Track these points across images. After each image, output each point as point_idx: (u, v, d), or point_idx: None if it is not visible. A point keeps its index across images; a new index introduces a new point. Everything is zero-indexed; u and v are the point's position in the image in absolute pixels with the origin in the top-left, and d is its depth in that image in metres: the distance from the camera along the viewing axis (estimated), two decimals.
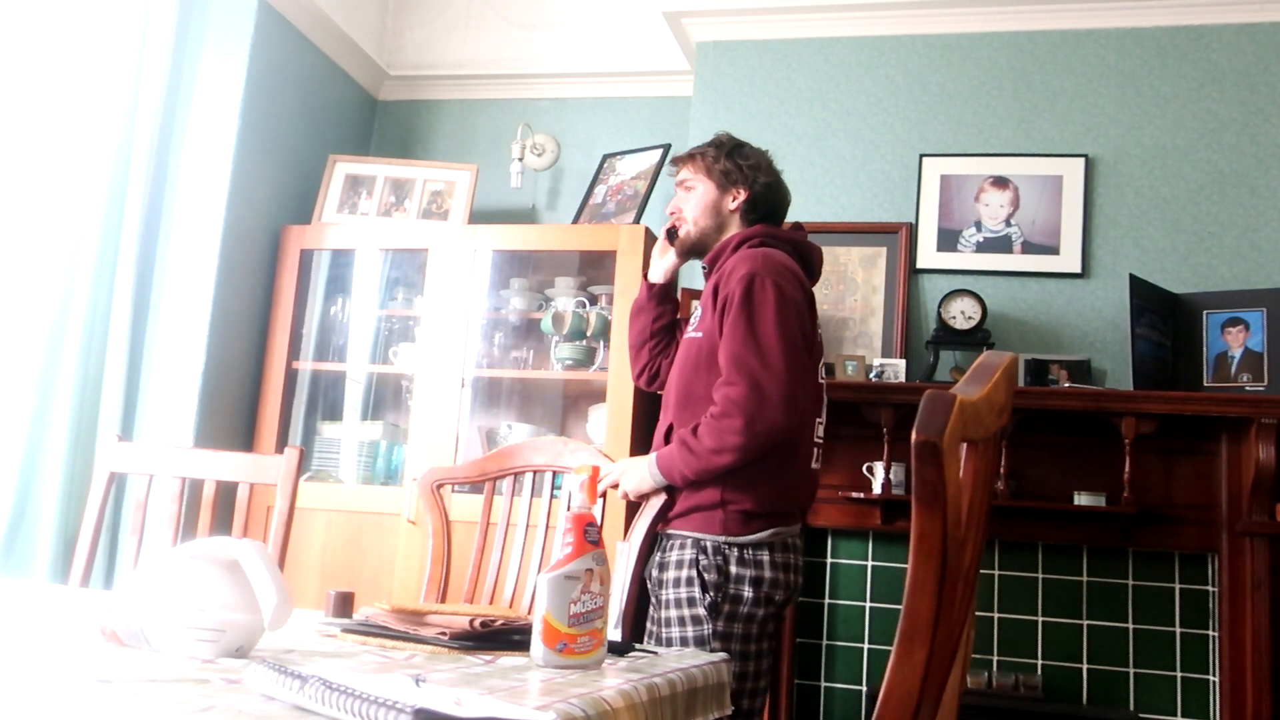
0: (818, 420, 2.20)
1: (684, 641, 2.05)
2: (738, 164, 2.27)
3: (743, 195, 2.27)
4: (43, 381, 2.87)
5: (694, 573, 2.06)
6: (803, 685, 3.13)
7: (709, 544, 2.07)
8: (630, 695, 1.15)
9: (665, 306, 2.45)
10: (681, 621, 2.06)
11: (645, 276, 2.46)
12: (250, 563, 1.23)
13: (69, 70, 2.93)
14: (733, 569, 2.06)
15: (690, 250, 2.33)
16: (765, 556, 2.08)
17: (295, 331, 3.48)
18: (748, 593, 2.05)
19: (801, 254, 2.25)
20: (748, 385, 2.01)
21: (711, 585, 2.05)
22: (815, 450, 2.20)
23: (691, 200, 2.30)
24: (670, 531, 2.14)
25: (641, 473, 2.14)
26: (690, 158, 2.32)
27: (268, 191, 3.49)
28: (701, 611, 2.05)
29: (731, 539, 2.07)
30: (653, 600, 2.18)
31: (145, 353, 3.20)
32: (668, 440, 2.17)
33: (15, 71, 2.79)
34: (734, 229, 2.28)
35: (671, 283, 2.45)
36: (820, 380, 2.23)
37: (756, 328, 2.04)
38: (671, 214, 2.35)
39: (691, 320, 2.27)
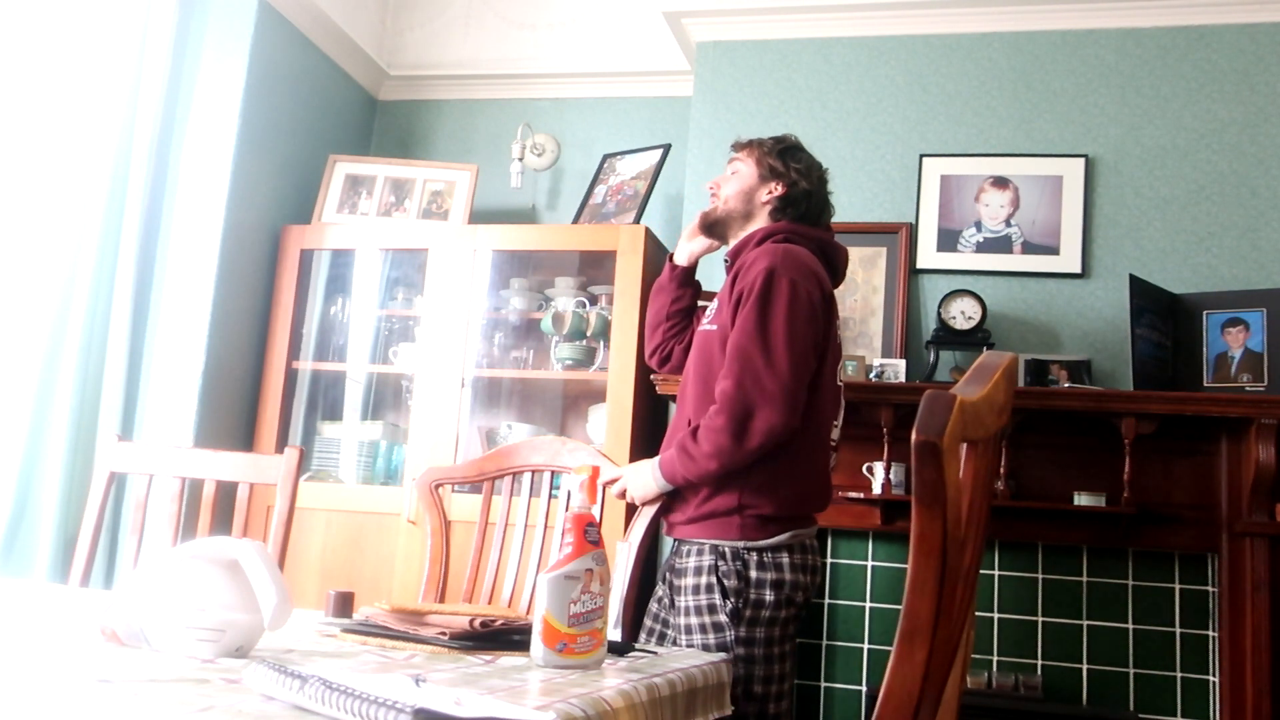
0: (834, 423, 2.19)
1: (706, 649, 1.98)
2: (785, 163, 2.27)
3: (778, 190, 2.26)
4: (43, 381, 2.87)
5: (713, 579, 2.02)
6: (803, 685, 3.13)
7: (727, 550, 2.04)
8: (630, 695, 1.15)
9: (686, 290, 2.45)
10: (703, 629, 2.02)
11: (670, 258, 2.47)
12: (250, 563, 1.23)
13: (69, 70, 2.93)
14: (753, 574, 2.02)
15: (712, 226, 2.32)
16: (785, 559, 2.05)
17: (295, 331, 3.48)
18: (769, 596, 2.02)
19: (826, 254, 2.24)
20: (744, 381, 2.00)
21: (732, 592, 2.01)
22: (832, 453, 2.19)
23: (732, 181, 2.30)
24: (687, 538, 2.10)
25: (646, 479, 2.12)
26: (748, 144, 2.33)
27: (268, 191, 3.49)
28: (723, 619, 2.01)
29: (750, 544, 2.04)
30: (664, 604, 2.16)
31: (145, 353, 3.20)
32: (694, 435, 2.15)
33: (15, 71, 2.79)
34: (761, 222, 2.27)
35: (694, 267, 2.45)
36: (839, 382, 2.22)
37: (767, 324, 2.03)
38: (710, 188, 2.35)
39: (708, 312, 2.26)
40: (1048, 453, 3.07)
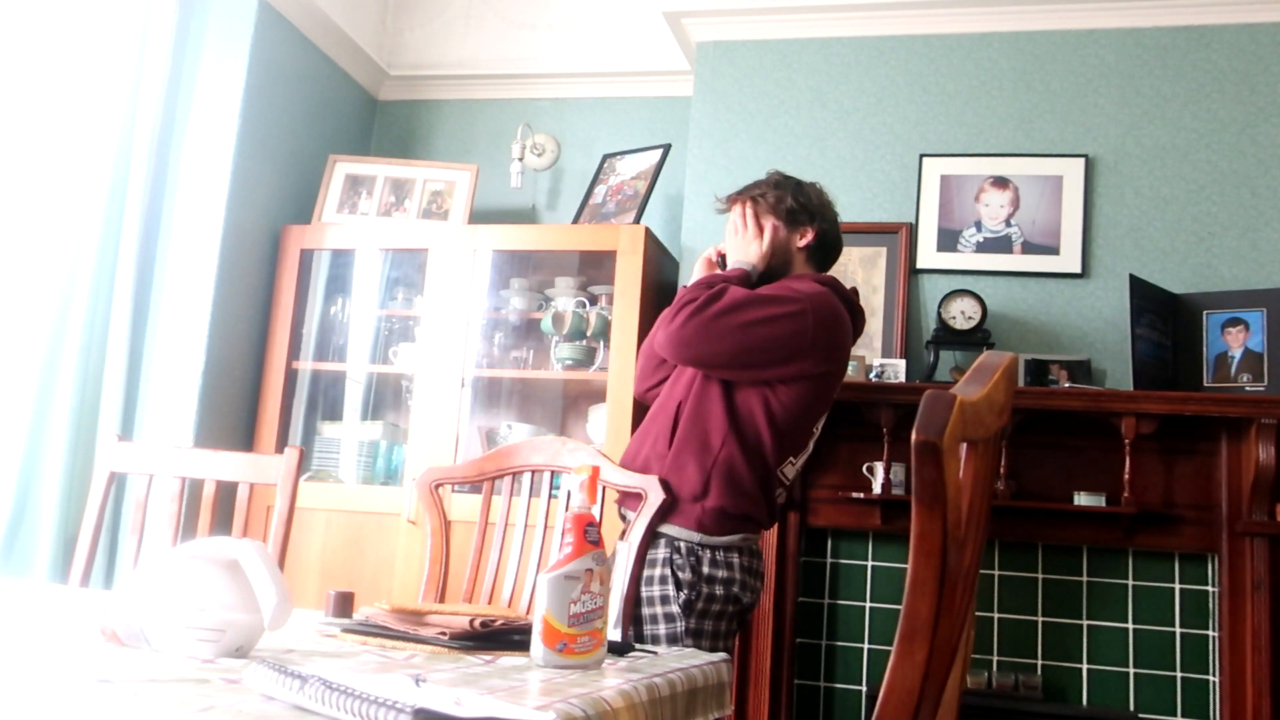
0: (790, 460, 2.25)
1: (655, 639, 2.10)
2: (802, 203, 2.32)
3: (810, 235, 2.32)
4: (43, 381, 2.87)
5: (668, 571, 2.13)
6: (803, 685, 3.13)
7: (683, 545, 2.14)
8: (630, 695, 1.15)
9: None
10: (654, 619, 2.12)
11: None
12: (250, 563, 1.23)
13: (69, 70, 2.93)
14: (705, 569, 2.13)
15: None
16: (735, 559, 2.16)
17: (295, 331, 3.48)
18: (719, 591, 2.13)
19: (853, 313, 2.31)
20: (712, 300, 2.12)
21: (685, 584, 2.11)
22: (780, 489, 2.27)
23: (764, 239, 2.33)
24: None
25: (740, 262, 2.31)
26: (753, 200, 2.34)
27: (268, 191, 3.49)
28: (675, 609, 2.11)
29: (706, 540, 2.14)
30: None
31: (145, 353, 3.20)
32: (676, 418, 2.21)
33: (15, 71, 2.79)
34: (799, 268, 2.33)
35: None
36: (814, 429, 2.29)
37: (756, 303, 2.14)
38: (720, 254, 2.39)
39: None
40: (1048, 453, 3.07)
